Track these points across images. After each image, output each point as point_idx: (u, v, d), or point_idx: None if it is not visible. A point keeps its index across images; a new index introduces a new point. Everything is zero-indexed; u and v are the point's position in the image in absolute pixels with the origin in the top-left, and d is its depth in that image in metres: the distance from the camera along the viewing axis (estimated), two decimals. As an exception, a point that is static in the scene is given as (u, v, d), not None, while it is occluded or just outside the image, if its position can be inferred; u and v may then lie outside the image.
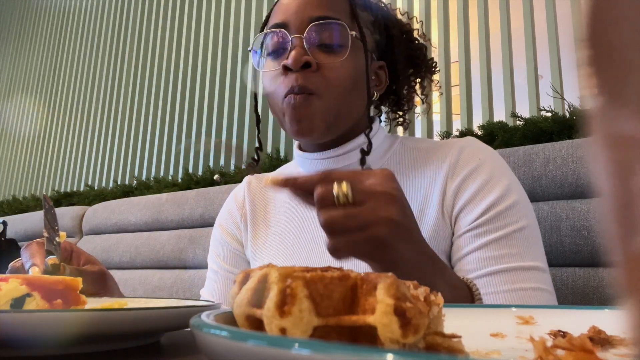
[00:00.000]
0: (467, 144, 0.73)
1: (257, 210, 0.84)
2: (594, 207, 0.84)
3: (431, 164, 0.73)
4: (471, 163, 0.70)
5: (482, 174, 0.69)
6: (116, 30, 2.85)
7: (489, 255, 0.65)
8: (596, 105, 0.11)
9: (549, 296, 0.65)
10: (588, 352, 0.23)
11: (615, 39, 0.11)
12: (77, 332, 0.36)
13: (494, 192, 0.67)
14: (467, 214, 0.67)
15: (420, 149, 0.76)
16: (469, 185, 0.68)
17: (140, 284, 1.54)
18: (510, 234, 0.65)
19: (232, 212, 0.87)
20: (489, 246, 0.65)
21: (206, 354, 0.21)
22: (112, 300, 0.63)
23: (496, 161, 0.71)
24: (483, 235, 0.66)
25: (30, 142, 3.26)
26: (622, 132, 0.10)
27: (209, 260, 0.88)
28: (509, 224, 0.65)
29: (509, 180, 0.69)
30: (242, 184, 0.90)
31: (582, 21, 0.11)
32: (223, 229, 0.87)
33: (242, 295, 0.23)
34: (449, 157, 0.72)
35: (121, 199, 1.91)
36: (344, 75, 0.69)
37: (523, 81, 1.37)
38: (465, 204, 0.68)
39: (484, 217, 0.66)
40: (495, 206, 0.66)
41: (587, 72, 0.11)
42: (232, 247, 0.85)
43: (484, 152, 0.72)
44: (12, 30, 3.77)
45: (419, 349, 0.23)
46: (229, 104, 2.22)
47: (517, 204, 0.67)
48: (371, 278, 0.22)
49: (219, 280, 0.84)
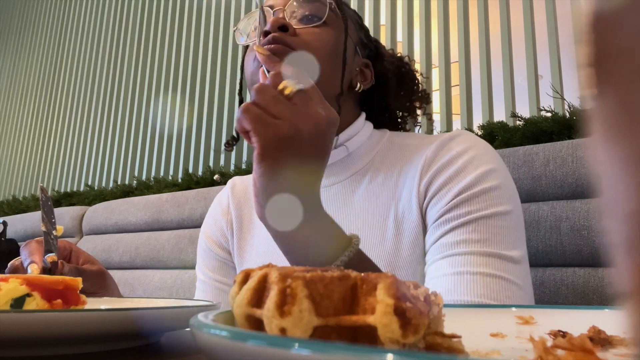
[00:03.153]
0: (451, 136, 0.68)
1: (242, 214, 0.82)
2: (594, 207, 0.84)
3: (415, 161, 0.68)
4: (448, 154, 0.65)
5: (456, 163, 0.63)
6: (116, 30, 2.85)
7: (446, 241, 0.59)
8: (596, 106, 0.11)
9: (515, 289, 0.57)
10: (588, 352, 0.23)
11: (615, 39, 0.11)
12: (77, 332, 0.36)
13: (466, 179, 0.61)
14: (435, 205, 0.62)
15: (408, 145, 0.72)
16: (440, 175, 0.63)
17: (140, 284, 1.54)
18: (477, 220, 0.59)
19: (217, 219, 0.84)
20: (450, 233, 0.59)
21: (206, 354, 0.21)
22: (112, 301, 0.63)
23: (479, 150, 0.65)
24: (446, 223, 0.60)
25: (30, 142, 3.26)
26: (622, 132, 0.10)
27: (197, 270, 0.85)
28: (478, 209, 0.59)
29: (490, 168, 0.62)
30: (225, 189, 0.88)
31: (583, 21, 0.11)
32: (208, 237, 0.84)
33: (242, 295, 0.23)
34: (427, 151, 0.67)
35: (121, 199, 1.91)
36: (320, 42, 0.68)
37: (523, 81, 1.37)
38: (434, 194, 0.63)
39: (450, 204, 0.61)
40: (465, 191, 0.60)
41: (587, 72, 0.11)
42: (219, 256, 0.82)
43: (466, 142, 0.66)
44: (12, 30, 3.77)
45: (419, 349, 0.23)
46: (229, 104, 2.22)
47: (493, 190, 0.60)
48: (371, 278, 0.22)
49: (208, 290, 0.81)
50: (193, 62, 2.41)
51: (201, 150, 2.26)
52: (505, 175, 0.65)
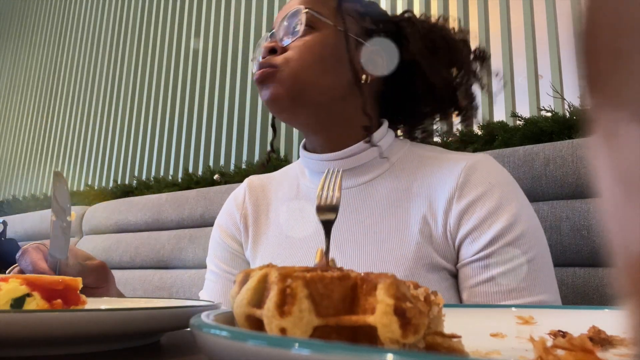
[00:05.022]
0: (478, 163, 0.71)
1: (259, 210, 0.84)
2: (594, 207, 0.84)
3: (438, 176, 0.71)
4: (480, 186, 0.68)
5: (489, 200, 0.67)
6: (116, 30, 2.85)
7: (497, 290, 0.64)
8: (596, 106, 0.11)
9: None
10: (588, 352, 0.23)
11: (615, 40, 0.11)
12: (77, 332, 0.36)
13: (501, 221, 0.65)
14: (473, 242, 0.66)
15: (429, 157, 0.75)
16: (475, 211, 0.67)
17: (140, 284, 1.54)
18: (519, 267, 0.64)
19: (231, 213, 0.86)
20: (496, 280, 0.64)
21: (206, 354, 0.21)
22: (112, 301, 0.63)
23: (506, 185, 0.69)
24: (490, 268, 0.65)
25: (30, 142, 3.26)
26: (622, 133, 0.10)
27: (208, 262, 0.87)
28: (517, 256, 0.64)
29: (518, 207, 0.67)
30: (242, 185, 0.90)
31: (581, 21, 0.11)
32: (222, 229, 0.87)
33: (242, 295, 0.23)
34: (456, 174, 0.70)
35: (121, 199, 1.91)
36: (305, 52, 0.72)
37: (523, 81, 1.37)
38: (471, 231, 0.67)
39: (490, 249, 0.65)
40: (502, 237, 0.65)
41: (586, 72, 0.11)
42: (231, 248, 0.84)
43: (494, 174, 0.70)
44: (12, 30, 3.77)
45: (419, 349, 0.23)
46: (229, 104, 2.22)
47: (525, 234, 0.65)
48: (371, 278, 0.22)
49: (218, 281, 0.84)
50: (193, 62, 2.41)
51: (201, 150, 2.26)
52: (530, 211, 0.69)
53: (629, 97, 0.10)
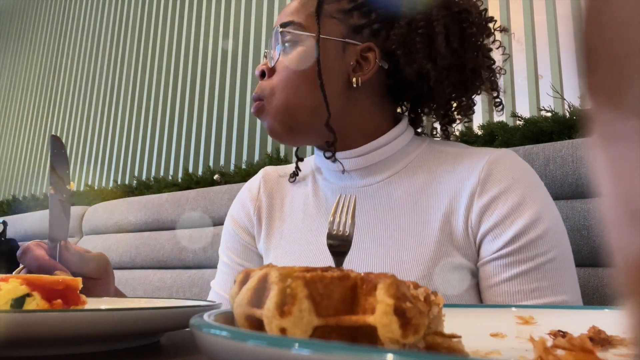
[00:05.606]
0: (501, 158, 0.69)
1: (273, 203, 0.82)
2: (593, 207, 0.84)
3: (459, 172, 0.70)
4: (502, 182, 0.66)
5: (512, 196, 0.65)
6: (116, 31, 2.85)
7: (518, 289, 0.63)
8: (596, 106, 0.11)
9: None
10: (588, 352, 0.23)
11: (614, 39, 0.11)
12: (77, 332, 0.36)
13: (523, 218, 0.64)
14: (494, 240, 0.65)
15: (449, 152, 0.73)
16: (497, 207, 0.65)
17: (140, 284, 1.54)
18: (541, 266, 0.63)
19: (245, 204, 0.85)
20: (518, 278, 0.63)
21: (206, 354, 0.21)
22: (112, 301, 0.63)
23: (530, 181, 0.67)
24: (512, 266, 0.64)
25: (30, 142, 3.26)
26: (622, 133, 0.10)
27: (220, 252, 0.86)
28: (539, 254, 0.63)
29: (542, 204, 0.65)
30: (257, 177, 0.88)
31: (581, 21, 0.11)
32: (235, 221, 0.85)
33: (242, 295, 0.23)
34: (478, 169, 0.68)
35: (121, 199, 1.91)
36: (289, 72, 0.72)
37: (523, 81, 1.37)
38: (492, 228, 0.65)
39: (512, 246, 0.64)
40: (525, 234, 0.63)
41: (586, 72, 0.11)
42: (244, 240, 0.83)
43: (518, 169, 0.68)
44: (12, 30, 3.77)
45: (419, 349, 0.23)
46: (228, 104, 2.22)
47: (548, 232, 0.64)
48: (371, 278, 0.22)
49: (230, 272, 0.83)
50: (193, 62, 2.41)
51: (201, 150, 2.26)
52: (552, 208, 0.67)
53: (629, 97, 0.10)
